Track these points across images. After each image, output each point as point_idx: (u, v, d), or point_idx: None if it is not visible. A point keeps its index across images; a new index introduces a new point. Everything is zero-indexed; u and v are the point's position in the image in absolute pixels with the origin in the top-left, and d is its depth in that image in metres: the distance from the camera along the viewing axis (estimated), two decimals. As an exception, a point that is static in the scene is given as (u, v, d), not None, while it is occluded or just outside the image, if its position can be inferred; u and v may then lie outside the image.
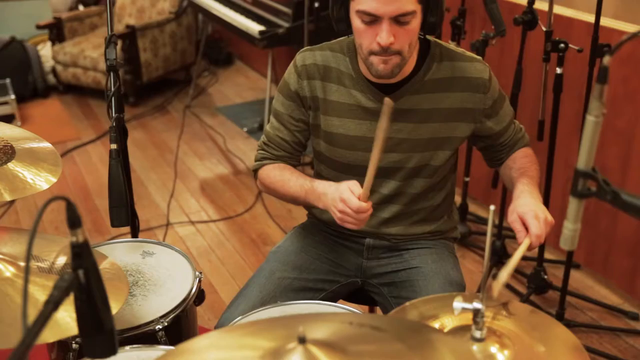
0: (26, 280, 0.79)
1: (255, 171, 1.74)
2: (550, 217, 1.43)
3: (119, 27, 4.79)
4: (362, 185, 1.44)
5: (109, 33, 1.76)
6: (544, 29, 2.35)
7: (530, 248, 1.41)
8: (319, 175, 1.76)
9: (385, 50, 1.44)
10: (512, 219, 1.44)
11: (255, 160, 1.74)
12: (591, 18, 2.21)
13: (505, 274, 1.22)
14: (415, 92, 1.57)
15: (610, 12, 2.46)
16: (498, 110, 1.64)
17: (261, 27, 3.76)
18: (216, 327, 1.61)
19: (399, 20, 1.42)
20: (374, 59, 1.48)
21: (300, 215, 1.82)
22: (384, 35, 1.42)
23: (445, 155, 1.63)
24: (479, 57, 1.63)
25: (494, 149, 1.72)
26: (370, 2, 1.41)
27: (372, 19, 1.43)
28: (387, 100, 1.32)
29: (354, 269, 1.74)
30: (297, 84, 1.63)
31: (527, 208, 1.44)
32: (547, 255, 2.78)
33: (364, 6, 1.42)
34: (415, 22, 1.44)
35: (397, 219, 1.69)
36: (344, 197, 1.43)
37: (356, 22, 1.47)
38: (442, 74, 1.58)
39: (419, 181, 1.64)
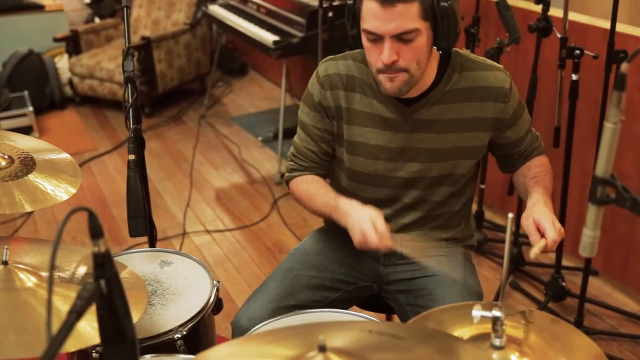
0: (50, 291, 0.80)
1: (287, 182, 1.77)
2: (562, 230, 1.46)
3: (135, 39, 4.83)
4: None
5: (127, 45, 1.78)
6: (559, 35, 2.35)
7: (544, 251, 1.43)
8: (336, 183, 1.76)
9: (389, 68, 1.45)
10: (528, 222, 1.46)
11: (286, 172, 1.76)
12: (606, 24, 2.21)
13: (533, 253, 1.34)
14: (436, 102, 1.57)
15: (625, 17, 2.45)
16: (517, 120, 1.64)
17: (275, 37, 3.79)
18: (232, 323, 1.62)
19: (402, 38, 1.42)
20: (382, 77, 1.49)
21: (316, 224, 1.83)
22: (386, 53, 1.43)
23: (468, 164, 1.63)
24: (500, 66, 1.62)
25: (511, 157, 1.72)
26: (371, 21, 1.43)
27: (376, 37, 1.44)
28: None
29: (370, 275, 1.74)
30: (321, 95, 1.63)
31: (544, 215, 1.46)
32: (565, 262, 2.76)
33: (366, 25, 1.44)
34: (421, 40, 1.44)
35: (417, 224, 1.69)
36: (365, 231, 1.46)
37: (364, 40, 1.49)
38: (463, 84, 1.58)
39: (442, 189, 1.65)
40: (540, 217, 1.45)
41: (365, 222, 1.46)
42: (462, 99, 1.58)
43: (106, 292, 0.87)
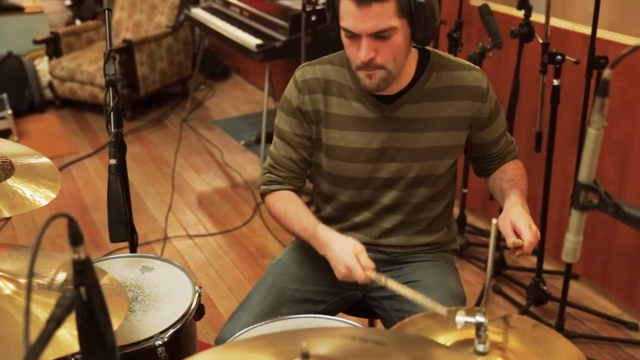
0: (28, 299, 0.78)
1: (262, 195, 1.73)
2: (538, 233, 1.47)
3: (116, 41, 4.80)
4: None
5: (108, 48, 1.76)
6: (540, 41, 2.37)
7: (521, 254, 1.45)
8: (318, 190, 1.76)
9: (367, 65, 1.47)
10: (504, 223, 1.48)
11: (262, 184, 1.71)
12: (587, 30, 2.23)
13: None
14: (414, 101, 1.58)
15: (606, 23, 2.48)
16: (493, 120, 1.66)
17: (258, 41, 3.78)
18: (217, 340, 1.60)
19: (379, 35, 1.44)
20: (361, 74, 1.51)
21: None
22: (363, 51, 1.45)
23: (447, 164, 1.64)
24: (477, 67, 1.64)
25: (485, 159, 1.73)
26: (349, 20, 1.44)
27: (353, 35, 1.45)
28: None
29: (354, 283, 1.73)
30: (299, 100, 1.63)
31: (520, 217, 1.48)
32: (546, 266, 2.78)
33: (344, 23, 1.46)
34: (398, 37, 1.45)
35: (399, 229, 1.69)
36: (350, 266, 1.44)
37: (343, 37, 1.50)
38: (441, 83, 1.59)
39: (420, 190, 1.65)
40: (516, 219, 1.47)
41: (349, 256, 1.45)
42: (441, 97, 1.59)
43: (86, 300, 0.86)
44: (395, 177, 1.63)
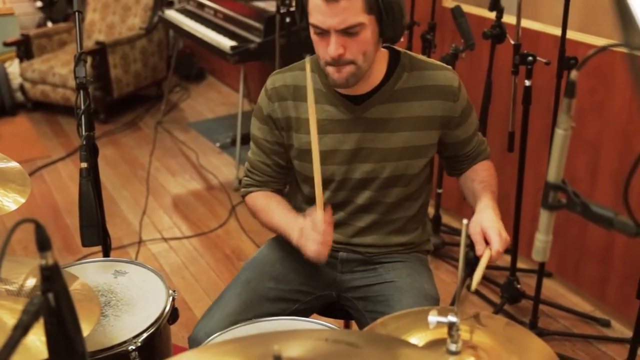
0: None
1: (243, 197, 1.77)
2: (508, 238, 1.48)
3: (89, 44, 4.75)
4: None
5: (79, 51, 1.74)
6: (512, 42, 2.39)
7: (490, 261, 1.46)
8: (298, 192, 1.76)
9: (337, 61, 1.48)
10: (475, 231, 1.48)
11: (242, 187, 1.77)
12: (557, 31, 2.26)
13: (474, 282, 1.28)
14: (385, 101, 1.59)
15: (576, 25, 2.51)
16: (466, 119, 1.67)
17: (233, 43, 3.76)
18: (190, 338, 1.60)
19: (347, 31, 1.45)
20: (329, 69, 1.52)
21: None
22: (332, 47, 1.46)
23: (420, 163, 1.65)
24: (448, 67, 1.66)
25: (458, 158, 1.75)
26: (317, 16, 1.46)
27: (322, 31, 1.47)
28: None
29: (328, 282, 1.74)
30: (269, 107, 1.65)
31: (491, 224, 1.48)
32: (520, 264, 2.81)
33: (312, 19, 1.48)
34: (366, 33, 1.47)
35: (373, 228, 1.69)
36: (303, 226, 1.48)
37: (312, 33, 1.52)
38: (412, 83, 1.60)
39: (395, 190, 1.66)
40: (487, 227, 1.47)
41: (303, 222, 1.48)
42: (412, 97, 1.60)
43: (54, 306, 0.85)
44: (369, 178, 1.63)
